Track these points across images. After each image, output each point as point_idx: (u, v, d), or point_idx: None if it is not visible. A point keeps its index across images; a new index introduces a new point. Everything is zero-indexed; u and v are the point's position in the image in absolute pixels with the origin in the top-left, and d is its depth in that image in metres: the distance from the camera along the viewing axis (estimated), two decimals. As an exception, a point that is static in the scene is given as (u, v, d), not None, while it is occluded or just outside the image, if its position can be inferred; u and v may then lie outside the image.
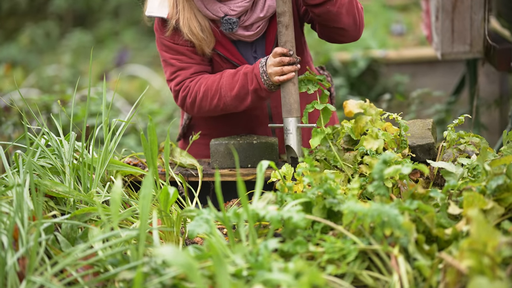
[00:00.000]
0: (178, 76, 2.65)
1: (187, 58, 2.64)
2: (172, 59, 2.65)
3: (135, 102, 2.51)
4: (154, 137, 2.14)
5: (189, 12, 2.56)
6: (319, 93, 2.52)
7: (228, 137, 2.74)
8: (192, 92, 2.63)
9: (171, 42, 2.63)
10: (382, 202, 1.83)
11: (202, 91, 2.61)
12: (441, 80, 6.04)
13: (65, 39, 10.60)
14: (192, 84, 2.64)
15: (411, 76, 6.17)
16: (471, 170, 2.18)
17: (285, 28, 2.43)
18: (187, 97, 2.65)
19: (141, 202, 1.74)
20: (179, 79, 2.65)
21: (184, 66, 2.64)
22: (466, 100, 5.18)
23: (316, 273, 1.47)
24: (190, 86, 2.64)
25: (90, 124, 4.31)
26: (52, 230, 1.91)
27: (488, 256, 1.52)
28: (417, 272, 1.69)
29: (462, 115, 2.46)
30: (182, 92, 2.66)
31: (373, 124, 2.48)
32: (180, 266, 1.45)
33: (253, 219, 1.80)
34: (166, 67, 2.68)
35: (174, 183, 2.59)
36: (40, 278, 1.68)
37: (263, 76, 2.48)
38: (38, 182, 2.07)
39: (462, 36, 3.95)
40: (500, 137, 4.09)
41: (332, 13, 2.45)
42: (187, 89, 2.65)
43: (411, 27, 7.54)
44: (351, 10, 2.48)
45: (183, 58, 2.64)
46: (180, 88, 2.66)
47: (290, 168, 2.30)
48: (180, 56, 2.64)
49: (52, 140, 2.35)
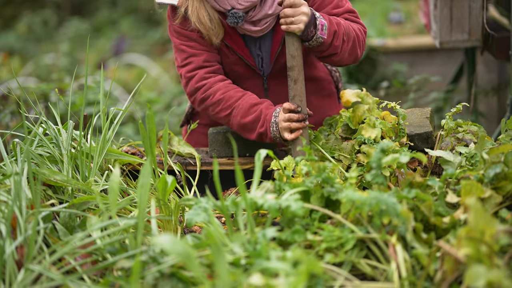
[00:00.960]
0: (191, 63, 2.64)
1: (198, 44, 2.64)
2: (182, 45, 2.65)
3: (133, 91, 2.51)
4: (152, 126, 2.14)
5: (198, 1, 2.56)
6: None
7: (226, 126, 2.74)
8: (207, 90, 2.61)
9: (182, 28, 2.63)
10: (380, 191, 1.83)
11: (217, 97, 2.59)
12: (440, 68, 6.03)
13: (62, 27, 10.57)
14: (210, 82, 2.62)
15: (409, 65, 6.16)
16: (469, 159, 2.18)
17: (294, 83, 2.43)
18: (200, 91, 2.62)
19: (139, 191, 1.74)
20: (192, 66, 2.64)
21: (195, 53, 2.64)
22: (464, 88, 5.17)
23: (314, 262, 1.48)
24: (208, 83, 2.62)
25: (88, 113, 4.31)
26: (50, 218, 1.91)
27: (486, 244, 1.52)
28: (415, 260, 1.70)
29: (460, 104, 2.46)
30: (196, 82, 2.63)
31: (370, 113, 2.48)
32: (178, 255, 1.45)
33: (251, 207, 1.80)
34: (177, 53, 2.68)
35: (172, 172, 2.59)
36: (38, 267, 1.68)
37: (273, 126, 2.48)
38: (36, 171, 2.07)
39: (461, 25, 3.94)
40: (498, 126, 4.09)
41: (335, 61, 2.61)
42: (203, 83, 2.63)
43: (410, 16, 7.52)
44: (353, 51, 2.59)
45: (194, 44, 2.64)
46: (193, 77, 2.64)
47: (291, 159, 2.30)
48: (191, 42, 2.64)
49: (50, 128, 2.35)
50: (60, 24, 10.91)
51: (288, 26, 2.39)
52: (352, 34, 2.56)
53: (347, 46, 2.55)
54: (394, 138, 2.44)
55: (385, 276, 1.69)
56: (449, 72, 5.79)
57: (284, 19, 2.40)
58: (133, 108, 5.23)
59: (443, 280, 1.58)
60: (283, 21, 2.40)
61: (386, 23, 7.29)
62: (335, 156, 2.46)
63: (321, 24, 2.43)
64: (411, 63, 6.17)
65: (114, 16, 11.18)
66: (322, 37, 2.44)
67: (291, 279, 1.48)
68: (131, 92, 2.84)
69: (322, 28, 2.44)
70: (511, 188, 1.87)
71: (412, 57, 6.20)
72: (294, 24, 2.38)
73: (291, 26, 2.38)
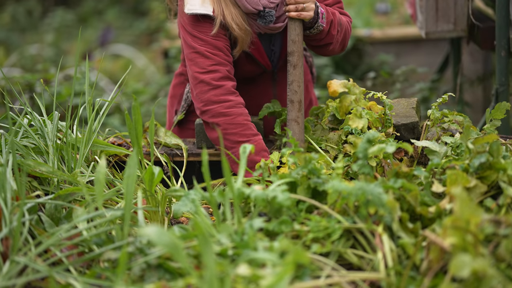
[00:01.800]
0: (217, 72, 2.55)
1: (224, 55, 2.57)
2: (207, 52, 2.55)
3: (119, 81, 2.49)
4: (139, 117, 2.13)
5: (233, 7, 2.53)
6: None
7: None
8: (231, 108, 2.54)
9: (210, 37, 2.55)
10: (367, 181, 1.84)
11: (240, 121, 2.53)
12: (426, 59, 6.05)
13: (47, 17, 10.47)
14: (236, 101, 2.55)
15: (395, 55, 6.17)
16: (455, 149, 2.19)
17: (293, 68, 2.46)
18: (224, 105, 2.54)
19: (126, 181, 1.73)
20: (219, 75, 2.55)
21: (222, 62, 2.56)
22: (449, 78, 5.19)
23: (301, 252, 1.48)
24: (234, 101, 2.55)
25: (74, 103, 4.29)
26: (36, 210, 1.90)
27: (471, 234, 1.53)
28: (401, 250, 1.71)
29: (446, 94, 2.47)
30: (222, 95, 2.54)
31: (357, 103, 2.48)
32: (165, 246, 1.45)
33: (238, 198, 1.80)
34: (200, 58, 2.56)
35: (159, 163, 2.59)
36: (24, 258, 1.67)
37: None
38: (21, 162, 2.05)
39: (446, 15, 3.95)
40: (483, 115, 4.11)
41: (328, 51, 2.65)
42: (230, 98, 2.55)
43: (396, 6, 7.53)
44: (343, 41, 2.67)
45: (220, 54, 2.57)
46: (220, 87, 2.55)
47: (276, 154, 2.31)
48: (218, 51, 2.56)
49: (35, 120, 2.33)
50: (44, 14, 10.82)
51: (300, 13, 2.42)
52: (344, 24, 2.62)
53: (340, 36, 2.61)
54: (380, 128, 2.45)
55: (371, 265, 1.69)
56: (435, 62, 5.80)
57: (295, 6, 2.42)
58: (119, 99, 5.21)
59: (429, 269, 1.59)
60: (294, 7, 2.42)
61: (372, 14, 7.30)
62: (322, 147, 2.46)
63: (321, 13, 2.49)
64: (397, 53, 6.19)
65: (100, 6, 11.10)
66: (322, 25, 2.50)
67: (278, 269, 1.48)
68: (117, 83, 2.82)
69: (322, 17, 2.49)
70: (496, 177, 1.89)
71: (399, 47, 6.21)
72: (306, 11, 2.42)
73: (303, 13, 2.42)
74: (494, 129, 2.33)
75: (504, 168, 1.87)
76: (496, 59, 3.57)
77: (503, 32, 3.46)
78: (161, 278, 1.61)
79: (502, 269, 1.56)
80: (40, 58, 8.38)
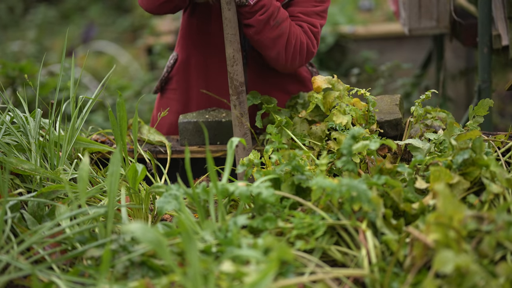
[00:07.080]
0: None
1: None
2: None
3: (104, 79, 2.48)
4: (123, 113, 2.11)
5: None
6: None
7: (196, 113, 2.73)
8: None
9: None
10: (351, 178, 1.84)
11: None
12: (409, 55, 6.08)
13: (29, 14, 10.39)
14: None
15: (379, 52, 6.20)
16: (438, 145, 2.20)
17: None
18: None
19: (109, 179, 1.72)
20: None
21: None
22: (432, 74, 5.23)
23: (285, 249, 1.48)
24: None
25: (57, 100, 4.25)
26: (18, 208, 1.88)
27: (454, 230, 1.54)
28: (385, 246, 1.71)
29: (429, 91, 2.48)
30: None
31: (341, 100, 2.48)
32: (149, 243, 1.44)
33: (222, 195, 1.80)
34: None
35: (142, 161, 2.57)
36: (6, 256, 1.66)
37: None
38: (3, 160, 2.04)
39: (429, 12, 3.97)
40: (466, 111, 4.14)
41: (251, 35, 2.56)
42: None
43: (379, 3, 7.55)
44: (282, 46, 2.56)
45: None
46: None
47: (256, 153, 2.29)
48: None
49: (18, 117, 2.32)
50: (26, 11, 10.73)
51: None
52: (289, 29, 2.56)
53: (272, 33, 2.54)
54: (364, 125, 2.46)
55: (355, 262, 1.70)
56: (418, 58, 5.83)
57: None
58: (102, 95, 5.18)
59: (413, 265, 1.60)
60: None
61: (356, 10, 7.31)
62: (305, 144, 2.46)
63: None
64: (380, 50, 6.21)
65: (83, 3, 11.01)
66: (248, 0, 2.47)
67: (262, 266, 1.48)
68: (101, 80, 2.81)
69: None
70: (478, 173, 1.90)
71: (382, 44, 6.24)
72: None
73: None
74: (477, 125, 2.34)
75: (486, 165, 1.89)
76: (478, 56, 3.59)
77: (486, 29, 3.49)
78: (144, 276, 1.61)
79: (485, 265, 1.58)
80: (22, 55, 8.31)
